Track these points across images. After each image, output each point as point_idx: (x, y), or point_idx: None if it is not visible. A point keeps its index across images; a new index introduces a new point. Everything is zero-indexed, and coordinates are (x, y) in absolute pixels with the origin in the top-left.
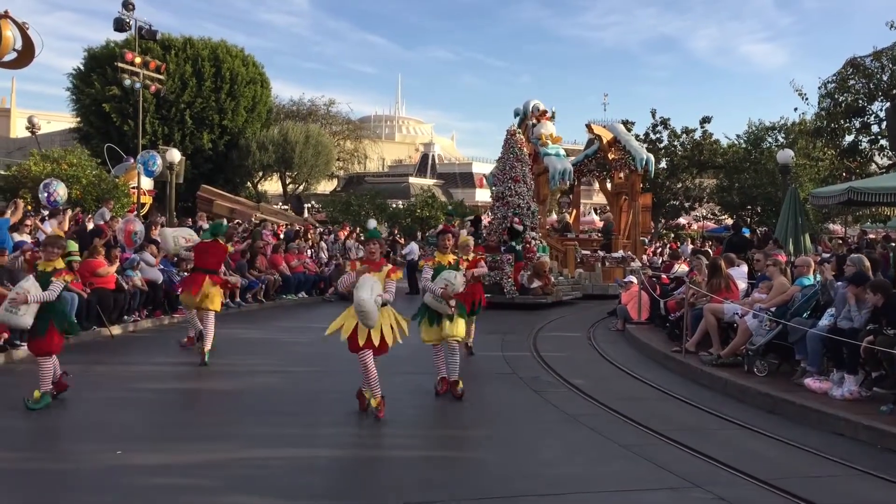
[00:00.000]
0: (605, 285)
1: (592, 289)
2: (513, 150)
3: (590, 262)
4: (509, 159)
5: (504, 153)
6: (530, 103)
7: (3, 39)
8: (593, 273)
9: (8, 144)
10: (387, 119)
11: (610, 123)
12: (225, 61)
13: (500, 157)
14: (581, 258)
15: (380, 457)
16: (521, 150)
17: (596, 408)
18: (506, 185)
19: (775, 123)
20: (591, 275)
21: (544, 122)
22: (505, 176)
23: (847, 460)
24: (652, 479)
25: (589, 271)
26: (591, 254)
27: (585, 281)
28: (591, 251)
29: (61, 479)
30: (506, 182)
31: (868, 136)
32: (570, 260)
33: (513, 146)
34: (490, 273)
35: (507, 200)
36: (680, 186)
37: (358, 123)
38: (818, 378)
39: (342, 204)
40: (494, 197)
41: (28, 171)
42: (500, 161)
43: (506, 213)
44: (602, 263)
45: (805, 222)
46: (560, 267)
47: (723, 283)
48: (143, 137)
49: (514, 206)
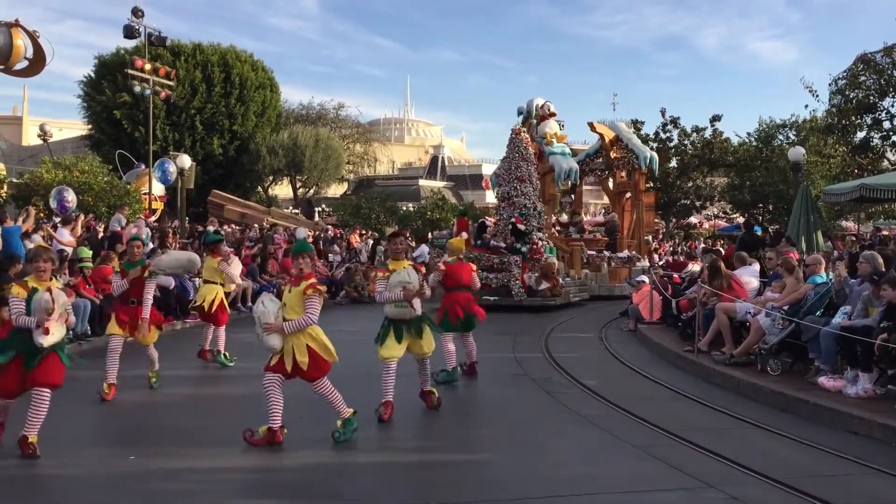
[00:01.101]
0: (612, 286)
1: (599, 290)
2: (518, 149)
3: (595, 263)
4: (514, 158)
5: (509, 152)
6: (534, 101)
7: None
8: (599, 273)
9: (20, 152)
10: (396, 122)
11: (611, 122)
12: (234, 66)
13: (504, 157)
14: (587, 258)
15: (391, 461)
16: (527, 150)
17: (608, 408)
18: (511, 185)
19: (786, 121)
20: (597, 275)
21: (548, 121)
22: (510, 176)
23: (862, 459)
24: (665, 480)
25: (595, 272)
26: (597, 254)
27: (592, 282)
28: (596, 251)
29: (74, 484)
30: (511, 182)
31: (880, 132)
32: (577, 260)
33: (518, 145)
34: (498, 275)
35: (512, 201)
36: (691, 185)
37: (367, 126)
38: (832, 376)
39: (352, 207)
40: (500, 197)
41: (40, 179)
42: (504, 160)
43: (511, 213)
44: (608, 263)
45: (817, 220)
46: (566, 268)
47: (724, 282)
48: (154, 144)
49: (521, 207)
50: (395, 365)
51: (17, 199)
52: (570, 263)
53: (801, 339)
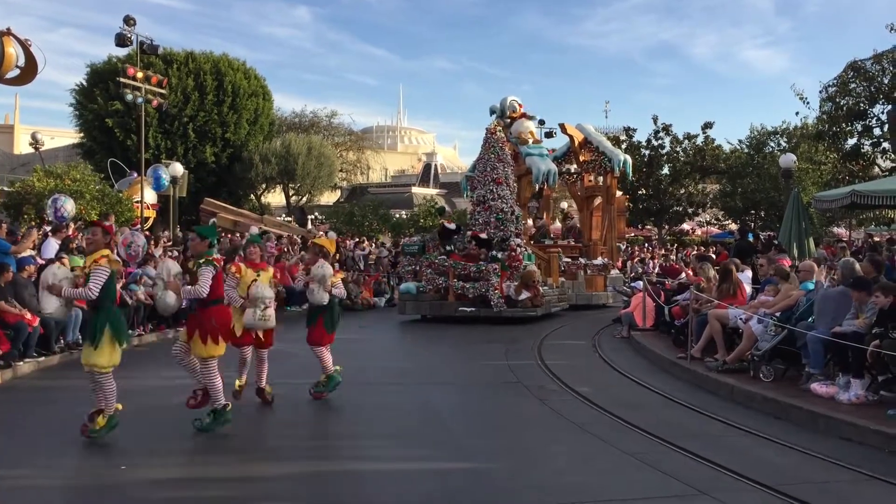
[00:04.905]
0: (590, 294)
1: (577, 298)
2: (494, 149)
3: (571, 271)
4: (490, 160)
5: (483, 153)
6: (507, 99)
7: (5, 57)
8: (576, 282)
9: (11, 161)
10: (389, 129)
11: (579, 124)
12: (227, 74)
13: (478, 158)
14: (564, 266)
15: (384, 469)
16: (503, 150)
17: (602, 415)
18: (487, 188)
19: (777, 128)
20: (574, 283)
21: (522, 120)
22: (486, 178)
23: (855, 465)
24: (658, 487)
25: (571, 279)
26: (573, 261)
27: (569, 290)
28: (571, 258)
29: (64, 495)
30: (487, 185)
31: (870, 138)
32: (555, 268)
33: (494, 145)
34: (475, 284)
35: (488, 205)
36: (683, 192)
37: (360, 134)
38: (825, 382)
39: (345, 215)
40: (474, 202)
41: (31, 188)
42: (479, 162)
43: (488, 218)
44: (584, 271)
45: (809, 226)
46: (544, 276)
47: (732, 287)
48: (147, 152)
49: (497, 211)
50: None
51: (9, 207)
52: (548, 271)
53: (794, 346)
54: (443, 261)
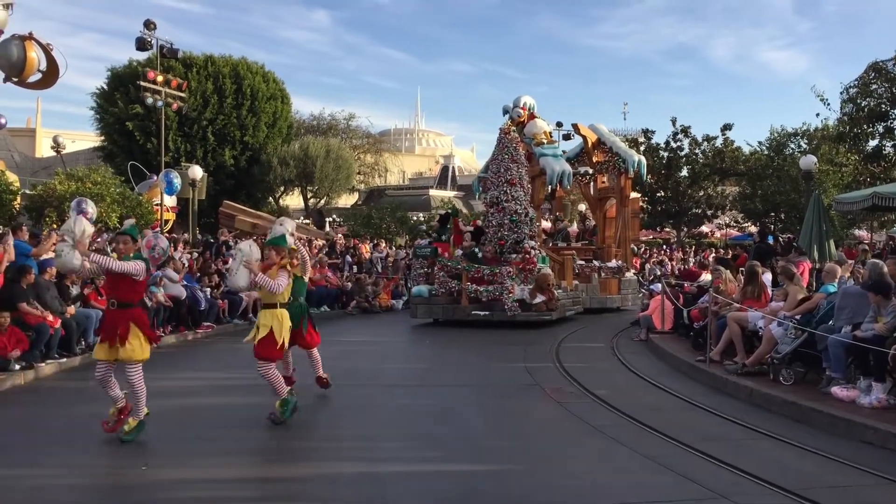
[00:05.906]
0: (604, 297)
1: (591, 301)
2: (508, 150)
3: (585, 273)
4: (504, 160)
5: (497, 154)
6: (521, 99)
7: (28, 61)
8: (590, 285)
9: (33, 164)
10: (406, 132)
11: (592, 124)
12: (246, 78)
13: (491, 158)
14: (578, 269)
15: (403, 471)
16: (517, 151)
17: (620, 418)
18: (501, 190)
19: (797, 129)
20: (587, 286)
21: (536, 121)
22: (499, 179)
23: (876, 469)
24: (677, 490)
25: (585, 283)
26: (587, 264)
27: (583, 293)
28: (585, 261)
29: (85, 495)
30: (500, 186)
31: (892, 140)
32: (569, 271)
33: (507, 146)
34: (488, 287)
35: (502, 206)
36: (702, 194)
37: (378, 137)
38: (845, 386)
39: (363, 217)
40: (488, 203)
41: (53, 191)
42: (492, 162)
43: (501, 220)
44: (598, 274)
45: (829, 228)
46: (557, 279)
47: (757, 290)
48: (166, 155)
49: (511, 213)
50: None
51: (31, 210)
52: (562, 274)
53: (815, 349)
54: (455, 263)
